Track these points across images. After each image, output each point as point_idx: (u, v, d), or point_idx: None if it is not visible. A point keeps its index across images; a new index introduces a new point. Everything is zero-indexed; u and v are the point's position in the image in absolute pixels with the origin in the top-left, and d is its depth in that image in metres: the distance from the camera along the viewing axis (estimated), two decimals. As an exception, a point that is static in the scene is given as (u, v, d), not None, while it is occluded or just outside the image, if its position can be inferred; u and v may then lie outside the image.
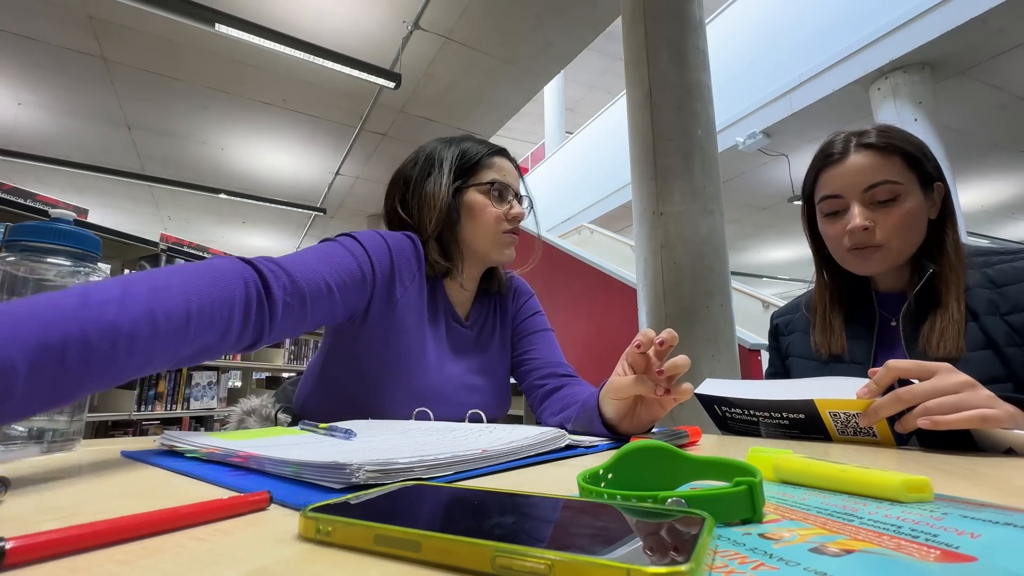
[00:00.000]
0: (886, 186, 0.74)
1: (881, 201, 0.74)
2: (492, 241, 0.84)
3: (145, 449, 0.47)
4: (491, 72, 4.94)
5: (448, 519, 0.23)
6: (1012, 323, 0.68)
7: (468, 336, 0.87)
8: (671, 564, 0.15)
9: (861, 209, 0.75)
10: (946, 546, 0.20)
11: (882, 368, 0.55)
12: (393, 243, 0.77)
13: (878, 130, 0.77)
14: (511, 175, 0.87)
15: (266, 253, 0.74)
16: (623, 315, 4.30)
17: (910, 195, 0.74)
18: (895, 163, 0.75)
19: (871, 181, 0.74)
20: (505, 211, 0.84)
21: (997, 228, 8.60)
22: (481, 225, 0.83)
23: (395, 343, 0.75)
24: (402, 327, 0.75)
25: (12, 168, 6.28)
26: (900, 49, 4.11)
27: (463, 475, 0.37)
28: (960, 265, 0.74)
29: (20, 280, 0.47)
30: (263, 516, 0.27)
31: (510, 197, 0.86)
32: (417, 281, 0.79)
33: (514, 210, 0.85)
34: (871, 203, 0.75)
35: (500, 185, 0.84)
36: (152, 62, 4.73)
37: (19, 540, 0.19)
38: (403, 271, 0.76)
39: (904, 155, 0.75)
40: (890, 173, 0.74)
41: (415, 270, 0.78)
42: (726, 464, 0.29)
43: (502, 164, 0.87)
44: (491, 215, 0.83)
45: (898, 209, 0.74)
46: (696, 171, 2.62)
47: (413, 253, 0.79)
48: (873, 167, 0.75)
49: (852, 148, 0.77)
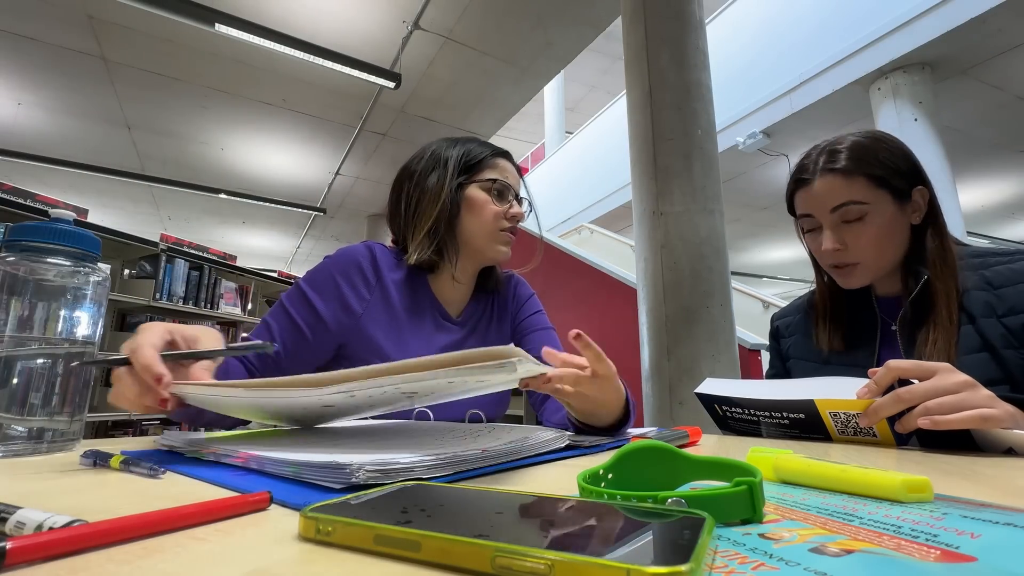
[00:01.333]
0: (852, 207, 0.75)
1: (850, 220, 0.76)
2: (489, 237, 0.85)
3: (145, 449, 0.47)
4: (491, 72, 4.94)
5: (448, 519, 0.23)
6: (1008, 325, 0.68)
7: (458, 334, 0.88)
8: (671, 564, 0.15)
9: (830, 232, 0.77)
10: (946, 546, 0.20)
11: (882, 368, 0.55)
12: (335, 263, 0.81)
13: (849, 148, 0.77)
14: (512, 177, 0.90)
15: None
16: (623, 315, 4.29)
17: (879, 212, 0.75)
18: (859, 184, 0.75)
19: (836, 203, 0.76)
20: (505, 210, 0.86)
21: (997, 228, 8.60)
22: (480, 220, 0.84)
23: (375, 349, 0.78)
24: (374, 333, 0.79)
25: (12, 168, 6.29)
26: (900, 49, 4.11)
27: (463, 475, 0.37)
28: (949, 269, 0.74)
29: (20, 280, 0.47)
30: (263, 516, 0.27)
31: (510, 197, 0.88)
32: (378, 291, 0.82)
33: (513, 209, 0.87)
34: (841, 223, 0.76)
35: (501, 184, 0.86)
36: (152, 62, 4.73)
37: (19, 540, 0.19)
38: (355, 281, 0.80)
39: (869, 176, 0.75)
40: (855, 193, 0.75)
41: (370, 278, 0.82)
42: (726, 464, 0.29)
43: (505, 166, 0.89)
44: (491, 211, 0.85)
45: (867, 227, 0.75)
46: (696, 171, 2.62)
47: (368, 261, 0.82)
48: (837, 190, 0.76)
49: (819, 171, 0.77)
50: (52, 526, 0.22)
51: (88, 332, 0.51)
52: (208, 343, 0.55)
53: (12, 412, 0.45)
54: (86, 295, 0.51)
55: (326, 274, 0.80)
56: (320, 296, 0.78)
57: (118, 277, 2.98)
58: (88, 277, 0.51)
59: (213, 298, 3.27)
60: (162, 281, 2.93)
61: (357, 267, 0.81)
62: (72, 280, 0.50)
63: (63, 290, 0.49)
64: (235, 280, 3.51)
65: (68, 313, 0.49)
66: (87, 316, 0.51)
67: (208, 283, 3.24)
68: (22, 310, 0.47)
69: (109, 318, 2.98)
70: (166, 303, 2.93)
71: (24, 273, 0.47)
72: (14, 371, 0.46)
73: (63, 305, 0.49)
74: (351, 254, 0.83)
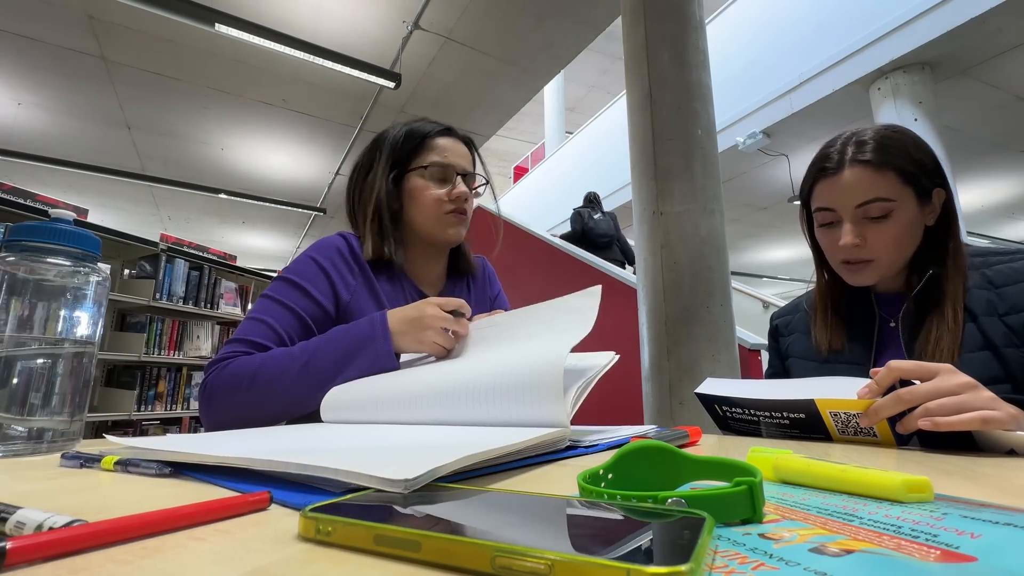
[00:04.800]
0: (878, 203, 0.73)
1: (873, 217, 0.74)
2: (435, 222, 0.84)
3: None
4: (491, 72, 4.94)
5: (448, 519, 0.23)
6: (1010, 324, 0.68)
7: None
8: (671, 564, 0.15)
9: (851, 227, 0.75)
10: (946, 546, 0.20)
11: (883, 368, 0.55)
12: (317, 252, 0.81)
13: (877, 141, 0.75)
14: (454, 154, 0.86)
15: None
16: (623, 315, 4.29)
17: (903, 211, 0.73)
18: (889, 179, 0.73)
19: (863, 199, 0.73)
20: (447, 192, 0.84)
21: (997, 228, 8.60)
22: (422, 208, 0.84)
23: None
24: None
25: (12, 168, 6.29)
26: (900, 49, 4.11)
27: (463, 475, 0.37)
28: (959, 272, 0.73)
29: (20, 280, 0.47)
30: (263, 516, 0.27)
31: (453, 177, 0.85)
32: (361, 277, 0.81)
33: (456, 190, 0.84)
34: (863, 219, 0.75)
35: (437, 166, 0.84)
36: (152, 62, 4.73)
37: (20, 540, 0.19)
38: (341, 269, 0.80)
39: (899, 171, 0.73)
40: (883, 190, 0.73)
41: (353, 265, 0.82)
42: (726, 464, 0.29)
43: (444, 145, 0.86)
44: (430, 197, 0.83)
45: (890, 226, 0.73)
46: (696, 171, 2.62)
47: (347, 249, 0.82)
48: (866, 184, 0.73)
49: (847, 162, 0.75)
50: (52, 526, 0.22)
51: (88, 332, 0.51)
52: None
53: (12, 412, 0.45)
54: (86, 295, 0.51)
55: (311, 264, 0.79)
56: (314, 285, 0.77)
57: (118, 277, 2.98)
58: (88, 277, 0.51)
59: (213, 298, 3.27)
60: (162, 281, 2.93)
61: (340, 255, 0.81)
62: (72, 280, 0.50)
63: (63, 290, 0.49)
64: (235, 280, 3.51)
65: (68, 313, 0.49)
66: (87, 316, 0.51)
67: (208, 283, 3.24)
68: (22, 310, 0.47)
69: (109, 318, 2.98)
70: (166, 303, 2.93)
71: (24, 273, 0.47)
72: (14, 371, 0.46)
73: (63, 305, 0.49)
74: (330, 244, 0.82)
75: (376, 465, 0.29)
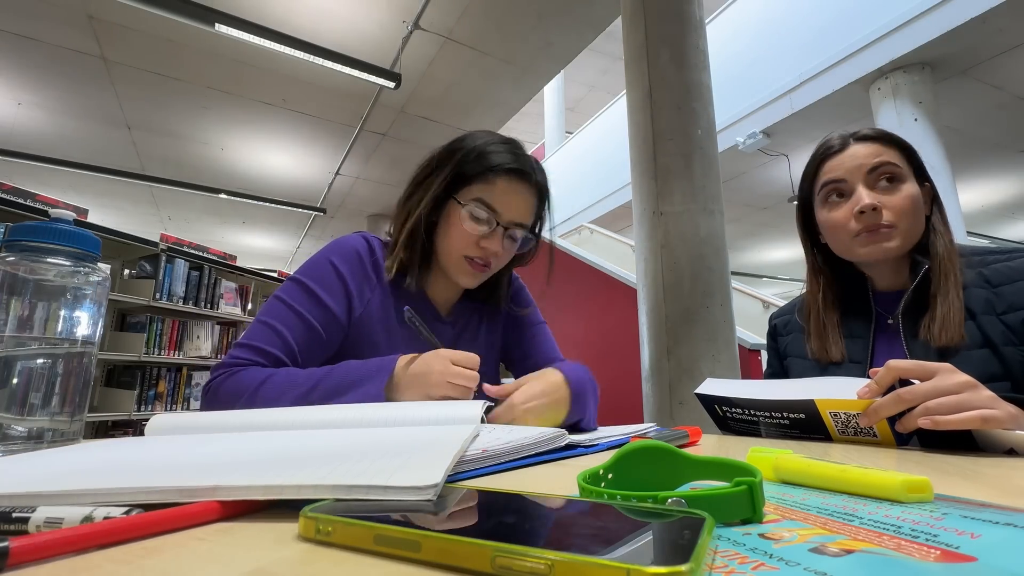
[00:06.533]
0: (888, 167, 0.77)
1: (884, 184, 0.77)
2: (453, 262, 0.78)
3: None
4: (491, 72, 4.94)
5: (448, 519, 0.23)
6: (1008, 322, 0.68)
7: (449, 334, 0.86)
8: (671, 564, 0.15)
9: (867, 190, 0.77)
10: (946, 546, 0.20)
11: (883, 368, 0.55)
12: (335, 256, 0.78)
13: (873, 129, 0.81)
14: (510, 202, 0.77)
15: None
16: (623, 315, 4.29)
17: (910, 180, 0.77)
18: (893, 151, 0.78)
19: (874, 163, 0.77)
20: (479, 238, 0.76)
21: (997, 228, 8.59)
22: (449, 240, 0.78)
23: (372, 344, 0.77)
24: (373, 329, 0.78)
25: (12, 168, 6.28)
26: (900, 49, 4.10)
27: (463, 475, 0.37)
28: (954, 257, 0.75)
29: (20, 280, 0.47)
30: (263, 516, 0.27)
31: (494, 225, 0.76)
32: (378, 287, 0.79)
33: (489, 242, 0.76)
34: (875, 186, 0.77)
35: (482, 207, 0.76)
36: (152, 62, 4.73)
37: (21, 540, 0.19)
38: (359, 279, 0.78)
39: (900, 146, 0.79)
40: (890, 157, 0.77)
41: (371, 275, 0.79)
42: (726, 464, 0.29)
43: (504, 187, 0.76)
44: (459, 234, 0.76)
45: (902, 190, 0.76)
46: (696, 171, 2.62)
47: (368, 255, 0.80)
48: (874, 152, 0.78)
49: (851, 141, 0.80)
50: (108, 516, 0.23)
51: (88, 332, 0.51)
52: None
53: (12, 412, 0.45)
54: (86, 295, 0.51)
55: (329, 269, 0.77)
56: (328, 292, 0.75)
57: (118, 277, 2.98)
58: (88, 277, 0.51)
59: (213, 298, 3.27)
60: (162, 281, 2.93)
61: (359, 263, 0.79)
62: (72, 280, 0.50)
63: (63, 290, 0.49)
64: (235, 280, 3.51)
65: (68, 313, 0.49)
66: (87, 316, 0.51)
67: (208, 283, 3.24)
68: (22, 310, 0.47)
69: (109, 318, 2.98)
70: (166, 303, 2.93)
71: (24, 273, 0.47)
72: (14, 371, 0.46)
73: (63, 305, 0.49)
74: (350, 247, 0.79)
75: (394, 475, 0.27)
